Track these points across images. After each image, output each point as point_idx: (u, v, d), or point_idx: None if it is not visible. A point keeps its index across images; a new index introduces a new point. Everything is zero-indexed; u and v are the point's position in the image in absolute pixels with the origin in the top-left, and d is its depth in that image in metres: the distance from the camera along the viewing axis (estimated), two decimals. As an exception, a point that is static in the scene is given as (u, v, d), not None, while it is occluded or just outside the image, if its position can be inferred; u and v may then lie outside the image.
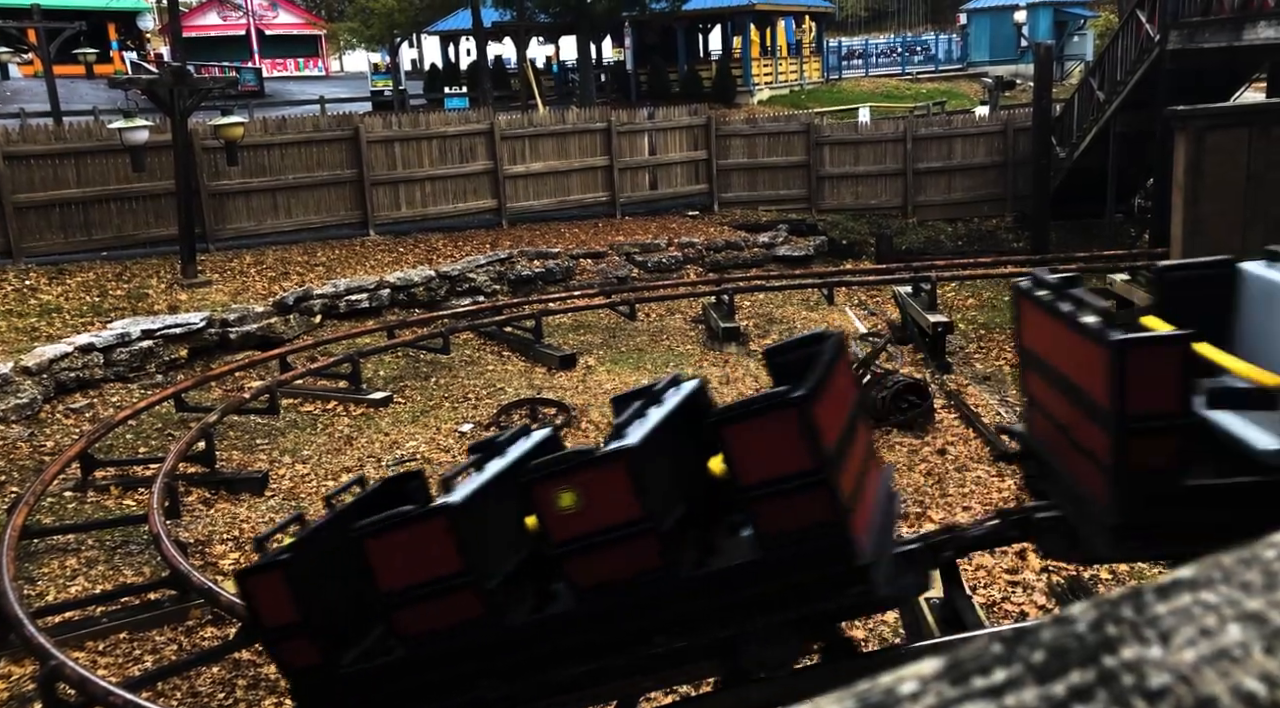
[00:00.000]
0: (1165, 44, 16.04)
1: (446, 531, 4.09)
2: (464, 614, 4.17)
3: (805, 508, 3.81)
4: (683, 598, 4.04)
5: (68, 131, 16.35)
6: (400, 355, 14.07)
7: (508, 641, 4.23)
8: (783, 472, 3.79)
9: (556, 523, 3.98)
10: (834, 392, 4.11)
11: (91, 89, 30.76)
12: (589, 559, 4.01)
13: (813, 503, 3.81)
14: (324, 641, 4.41)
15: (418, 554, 4.16)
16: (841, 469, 3.92)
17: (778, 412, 3.76)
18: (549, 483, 3.97)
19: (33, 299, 14.09)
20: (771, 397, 3.85)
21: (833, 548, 3.85)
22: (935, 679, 0.49)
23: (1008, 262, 17.72)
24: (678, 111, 21.53)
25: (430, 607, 4.20)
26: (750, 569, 3.99)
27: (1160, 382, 3.85)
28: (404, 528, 4.17)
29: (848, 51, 42.59)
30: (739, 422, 3.83)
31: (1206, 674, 0.47)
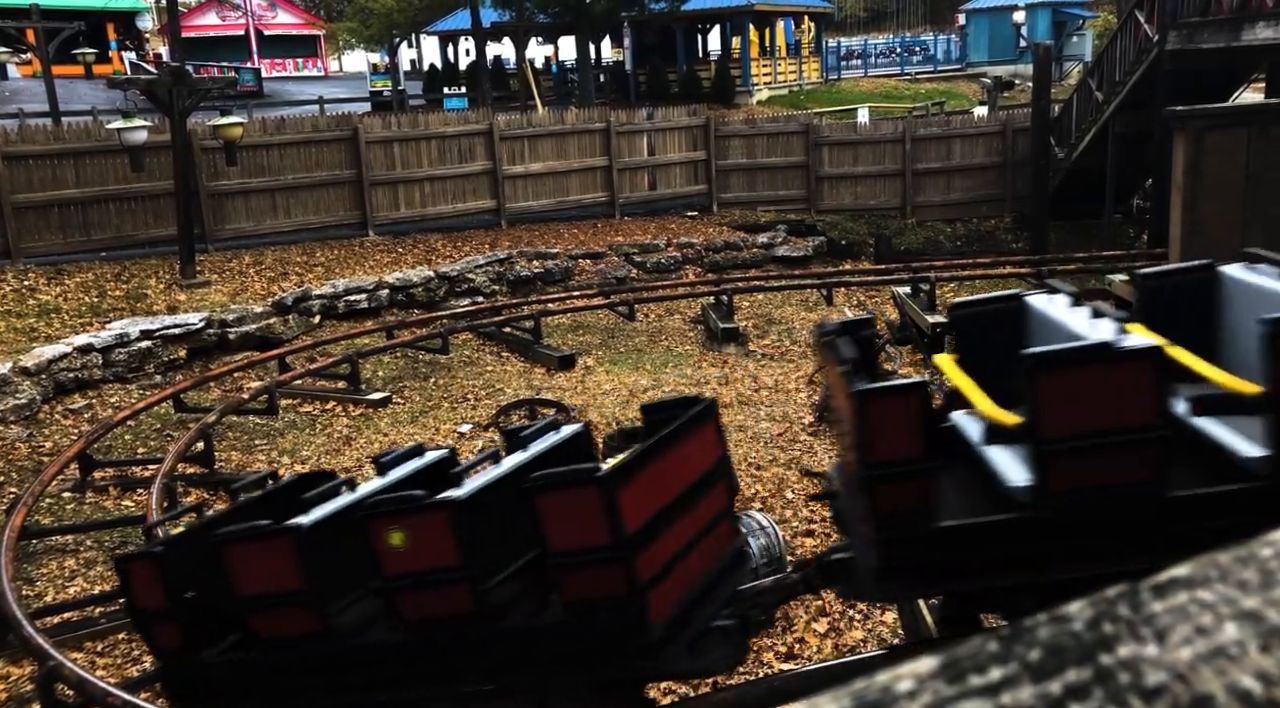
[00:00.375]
0: (1164, 44, 16.05)
1: (292, 550, 4.33)
2: (306, 628, 4.43)
3: (602, 581, 3.98)
4: (499, 646, 4.27)
5: (66, 132, 16.34)
6: (399, 356, 14.07)
7: (341, 658, 4.49)
8: (583, 544, 3.96)
9: (387, 558, 4.20)
10: (663, 467, 4.24)
11: (90, 89, 30.75)
12: (412, 596, 4.23)
13: (609, 578, 3.97)
14: (190, 630, 4.66)
15: (267, 567, 4.40)
16: (649, 547, 4.02)
17: (580, 488, 3.91)
18: (381, 521, 4.20)
19: (31, 300, 14.08)
20: (577, 472, 4.00)
21: (626, 622, 4.02)
22: (932, 677, 0.49)
23: (1007, 262, 17.74)
24: (677, 112, 21.53)
25: (275, 617, 4.44)
26: (554, 630, 4.20)
27: (900, 429, 3.95)
28: (257, 541, 4.42)
29: (847, 52, 42.61)
30: (546, 492, 4.01)
31: (1203, 672, 0.47)
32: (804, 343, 14.50)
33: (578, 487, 3.96)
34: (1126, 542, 4.06)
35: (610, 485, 3.89)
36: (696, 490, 4.42)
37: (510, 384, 12.94)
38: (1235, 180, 12.05)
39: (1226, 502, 3.96)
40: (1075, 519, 4.01)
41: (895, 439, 3.96)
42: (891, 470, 3.98)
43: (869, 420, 3.94)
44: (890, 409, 3.96)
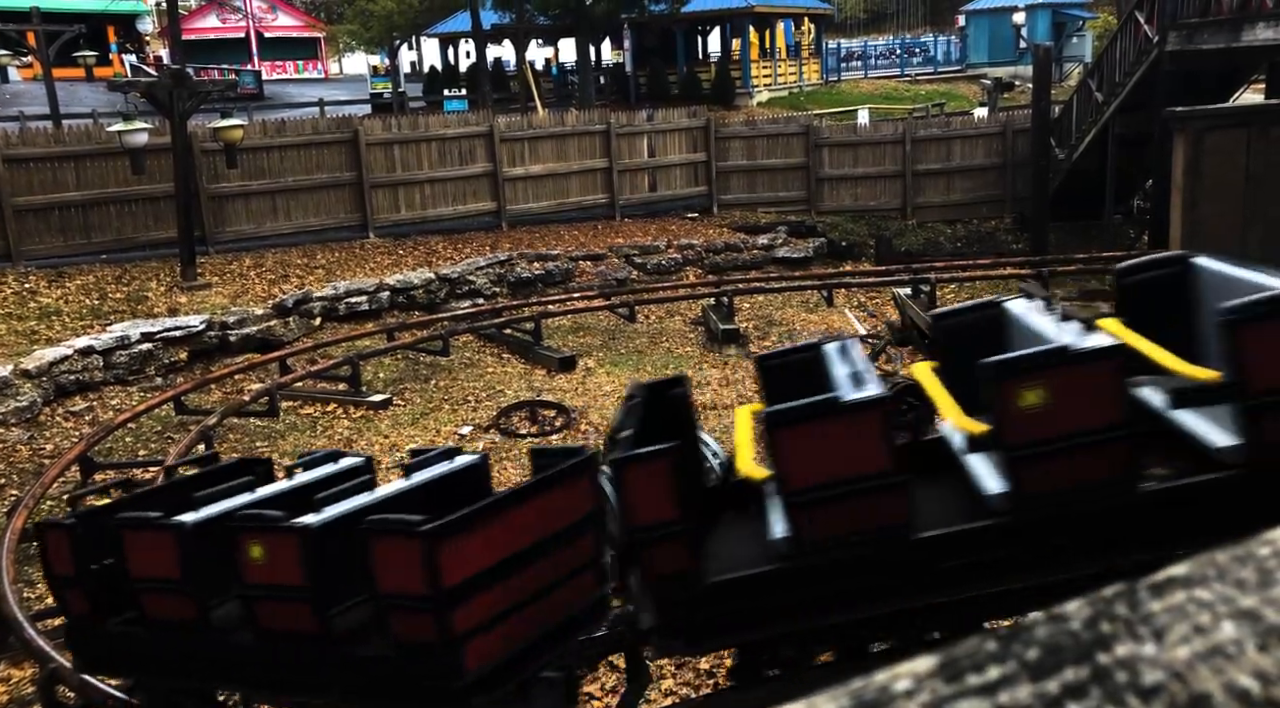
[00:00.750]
0: (1164, 45, 16.06)
1: (175, 544, 4.72)
2: (185, 615, 4.84)
3: (419, 627, 4.22)
4: (337, 669, 4.56)
5: (67, 134, 16.35)
6: (400, 358, 14.07)
7: (214, 649, 4.87)
8: (404, 591, 4.21)
9: (247, 567, 4.54)
10: (506, 523, 4.41)
11: (91, 92, 30.77)
12: (263, 606, 4.57)
13: (425, 625, 4.21)
14: (96, 598, 5.06)
15: (154, 555, 4.82)
16: (471, 600, 4.22)
17: (405, 539, 4.14)
18: (245, 534, 4.53)
19: (32, 302, 14.09)
20: (405, 523, 4.19)
21: (442, 667, 4.27)
22: (930, 677, 0.50)
23: (1007, 263, 17.74)
24: (677, 113, 21.54)
25: (159, 600, 4.89)
26: (382, 663, 4.44)
27: (654, 493, 4.07)
28: (147, 531, 4.84)
29: (846, 53, 42.61)
30: (376, 536, 4.25)
31: (1200, 671, 0.47)
32: (804, 344, 14.49)
33: (403, 537, 4.18)
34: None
35: (432, 540, 4.10)
36: (551, 544, 4.51)
37: (511, 386, 12.94)
38: (1235, 181, 12.05)
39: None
40: (1050, 521, 4.02)
41: (652, 504, 4.07)
42: (653, 534, 4.09)
43: (626, 488, 4.07)
44: (645, 475, 4.06)
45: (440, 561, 4.13)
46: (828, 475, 3.96)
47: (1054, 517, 4.01)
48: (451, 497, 4.78)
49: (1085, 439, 3.86)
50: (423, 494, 4.95)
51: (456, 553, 4.20)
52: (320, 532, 4.47)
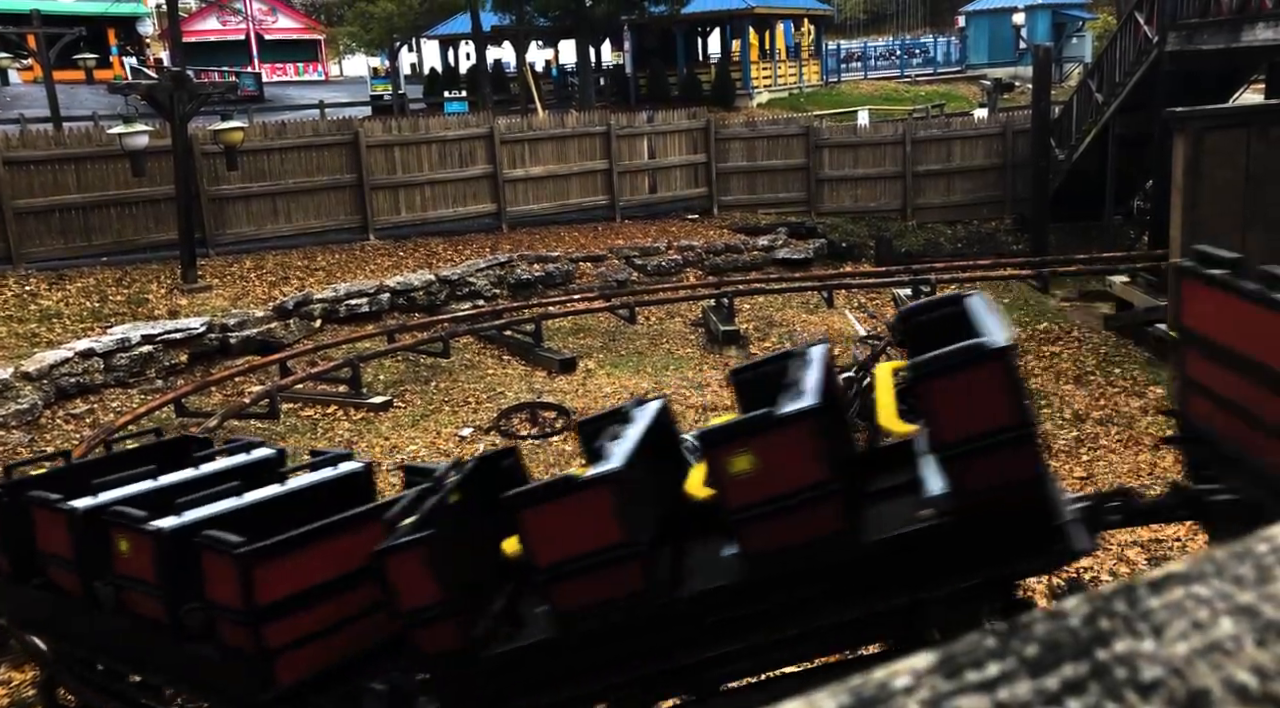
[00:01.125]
0: (1164, 45, 16.06)
1: (67, 525, 5.23)
2: (76, 589, 5.34)
3: (237, 638, 4.60)
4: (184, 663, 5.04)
5: (68, 137, 16.36)
6: (400, 360, 14.08)
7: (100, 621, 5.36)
8: (224, 603, 4.61)
9: (116, 558, 4.87)
10: (331, 547, 4.69)
11: (91, 94, 30.79)
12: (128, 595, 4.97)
13: (241, 637, 4.56)
14: (16, 562, 5.67)
15: (52, 533, 5.37)
16: (286, 617, 4.58)
17: (223, 555, 4.49)
18: (114, 528, 4.91)
19: (33, 305, 14.09)
20: (225, 542, 4.54)
21: (255, 678, 4.62)
22: (929, 673, 0.50)
23: (1007, 264, 17.74)
24: (677, 115, 21.54)
25: (58, 572, 5.45)
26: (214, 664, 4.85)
27: (416, 578, 4.18)
28: (46, 509, 5.34)
29: (846, 54, 42.63)
30: (205, 550, 4.61)
31: (1199, 667, 0.47)
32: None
33: (224, 555, 4.51)
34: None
35: (248, 561, 4.45)
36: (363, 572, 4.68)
37: (511, 387, 12.95)
38: (1235, 181, 12.05)
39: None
40: (778, 579, 4.08)
41: (415, 589, 4.14)
42: (425, 616, 4.17)
43: (389, 576, 4.16)
44: (406, 563, 4.13)
45: (255, 580, 4.49)
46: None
47: (781, 575, 4.10)
48: (332, 503, 5.12)
49: (794, 500, 3.96)
50: (302, 500, 5.26)
51: (272, 574, 4.55)
52: (172, 536, 4.80)
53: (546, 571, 4.08)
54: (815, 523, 3.98)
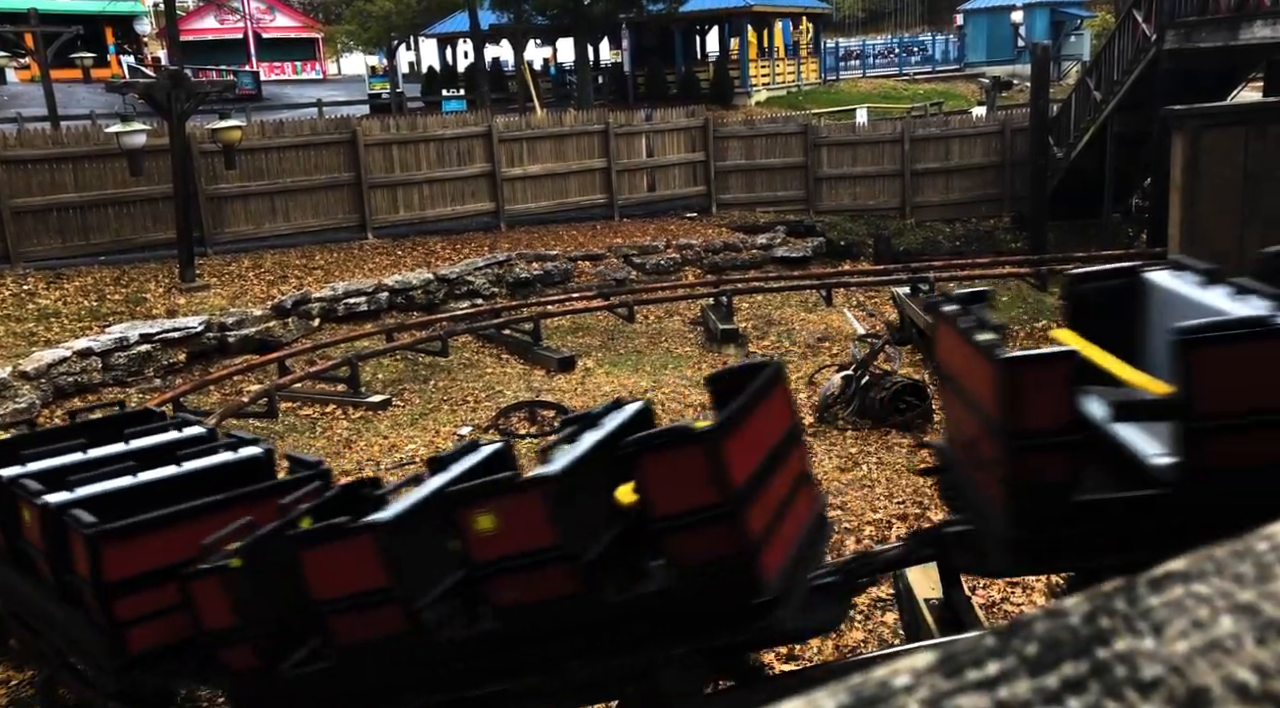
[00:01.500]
0: (1162, 44, 16.07)
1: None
2: None
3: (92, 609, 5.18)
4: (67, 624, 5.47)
5: (65, 136, 16.34)
6: (399, 358, 14.07)
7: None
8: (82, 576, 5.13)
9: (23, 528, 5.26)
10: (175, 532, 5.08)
11: (89, 93, 30.75)
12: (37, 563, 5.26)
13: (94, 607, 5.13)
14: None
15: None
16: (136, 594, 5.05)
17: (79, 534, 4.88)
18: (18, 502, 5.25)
19: (31, 304, 14.08)
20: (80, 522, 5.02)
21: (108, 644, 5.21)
22: (929, 672, 0.50)
23: (1006, 262, 17.74)
24: (675, 113, 21.54)
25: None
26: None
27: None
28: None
29: (845, 52, 42.63)
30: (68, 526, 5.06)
31: (1199, 666, 0.47)
32: (804, 344, 14.51)
33: (78, 533, 5.00)
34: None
35: (99, 540, 4.93)
36: None
37: (510, 386, 12.95)
38: (1233, 179, 12.06)
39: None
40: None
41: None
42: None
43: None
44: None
45: (105, 557, 4.92)
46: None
47: (528, 630, 4.34)
48: (229, 486, 5.51)
49: (531, 560, 4.18)
50: (196, 481, 5.61)
51: (122, 553, 4.97)
52: (56, 510, 5.17)
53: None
54: (550, 584, 4.24)
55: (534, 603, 4.26)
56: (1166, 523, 3.95)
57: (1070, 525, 4.10)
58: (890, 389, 10.61)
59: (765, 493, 4.29)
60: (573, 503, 4.21)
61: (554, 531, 4.12)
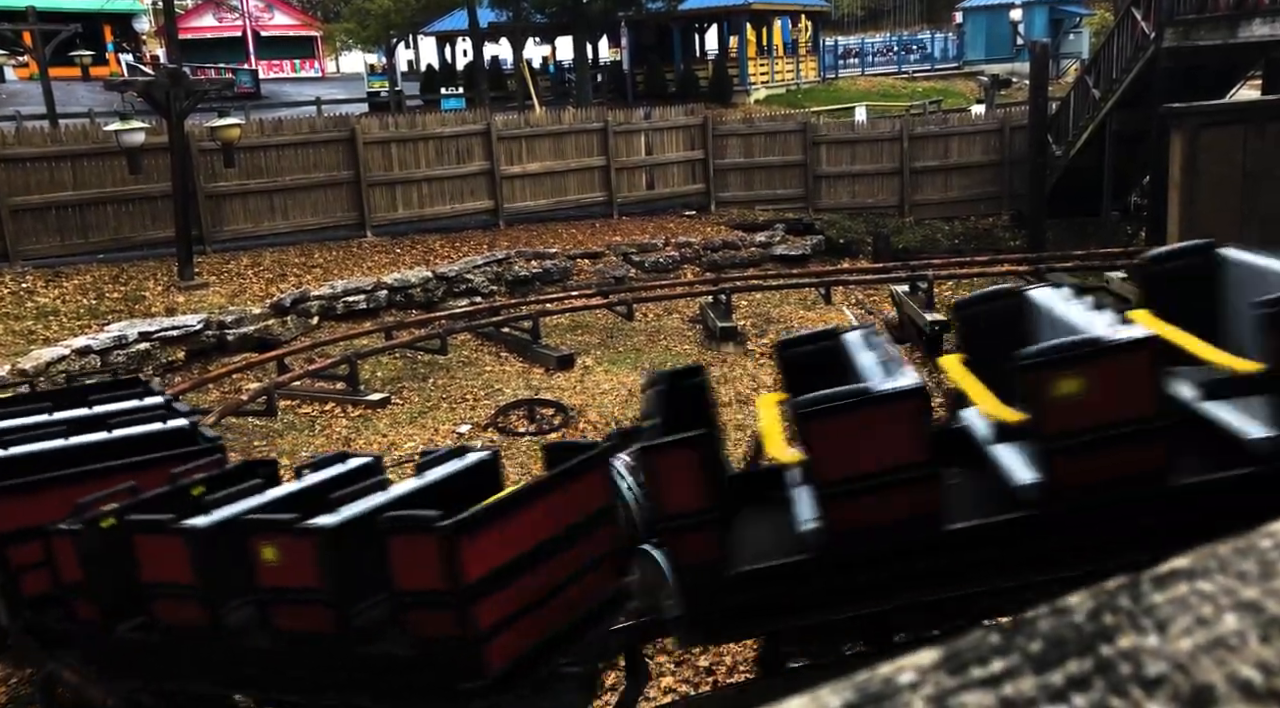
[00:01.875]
0: (1161, 42, 16.06)
1: None
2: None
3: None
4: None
5: (64, 134, 16.33)
6: (398, 357, 14.07)
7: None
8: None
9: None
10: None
11: (87, 91, 30.71)
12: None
13: None
14: None
15: None
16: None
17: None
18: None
19: (29, 302, 14.07)
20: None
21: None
22: (933, 669, 0.50)
23: (1004, 260, 17.74)
24: (674, 111, 21.52)
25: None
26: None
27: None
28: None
29: (844, 50, 42.62)
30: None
31: (1203, 663, 0.47)
32: (802, 342, 14.48)
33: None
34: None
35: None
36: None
37: (509, 384, 12.94)
38: (1232, 177, 12.06)
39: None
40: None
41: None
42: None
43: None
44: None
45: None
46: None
47: None
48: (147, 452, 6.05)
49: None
50: (118, 448, 6.06)
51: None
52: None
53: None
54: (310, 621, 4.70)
55: (298, 632, 4.68)
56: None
57: None
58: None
59: (517, 582, 4.52)
60: (342, 555, 4.57)
61: (319, 575, 4.53)
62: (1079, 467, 3.95)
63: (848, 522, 4.07)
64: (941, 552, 4.14)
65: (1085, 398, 3.83)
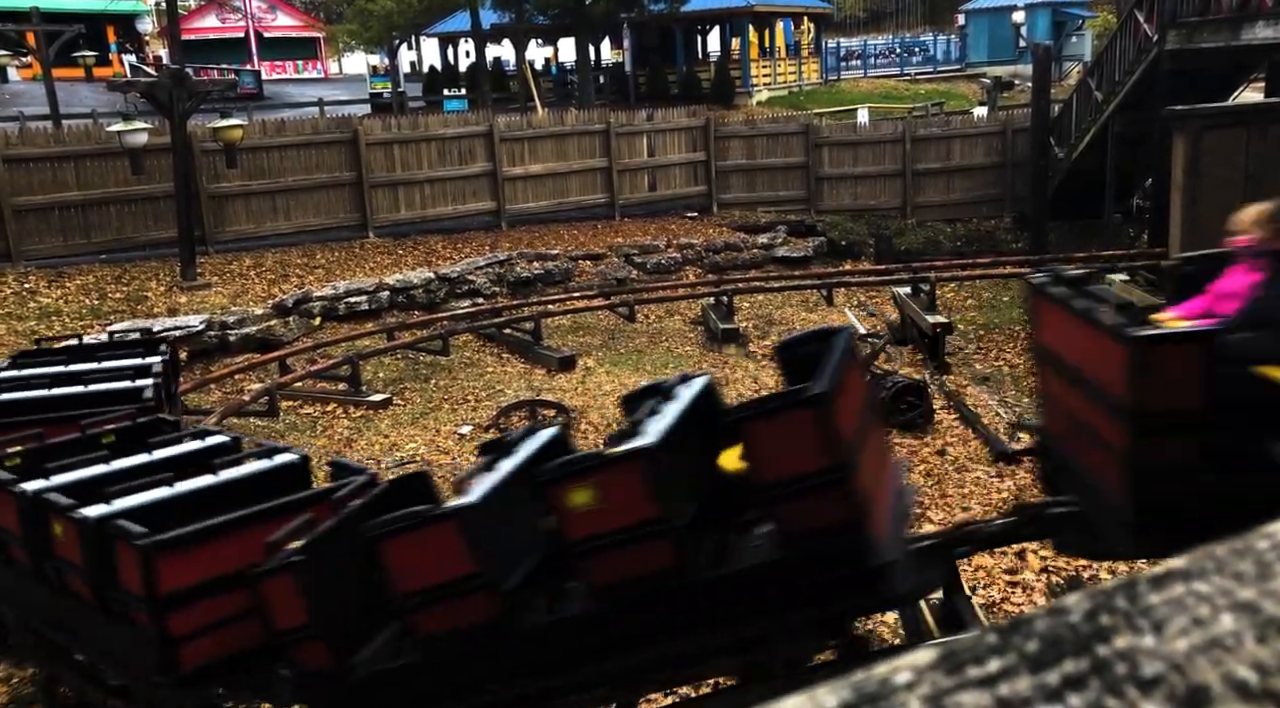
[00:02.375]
0: (1163, 44, 16.06)
1: None
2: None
3: None
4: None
5: (67, 134, 16.35)
6: (400, 357, 14.08)
7: None
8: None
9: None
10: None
11: (90, 92, 30.76)
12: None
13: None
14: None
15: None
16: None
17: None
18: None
19: (32, 302, 14.09)
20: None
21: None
22: (930, 669, 0.50)
23: (1006, 262, 17.74)
24: (676, 113, 21.53)
25: None
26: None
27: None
28: None
29: (846, 52, 42.61)
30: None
31: (1199, 663, 0.47)
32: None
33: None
34: None
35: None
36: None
37: (511, 385, 12.95)
38: (1234, 180, 12.05)
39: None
40: None
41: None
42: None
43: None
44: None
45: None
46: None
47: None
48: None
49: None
50: None
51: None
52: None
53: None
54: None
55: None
56: None
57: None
58: (891, 389, 10.61)
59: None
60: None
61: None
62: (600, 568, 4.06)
63: None
64: None
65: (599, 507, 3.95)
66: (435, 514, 4.20)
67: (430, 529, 4.15)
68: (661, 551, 4.07)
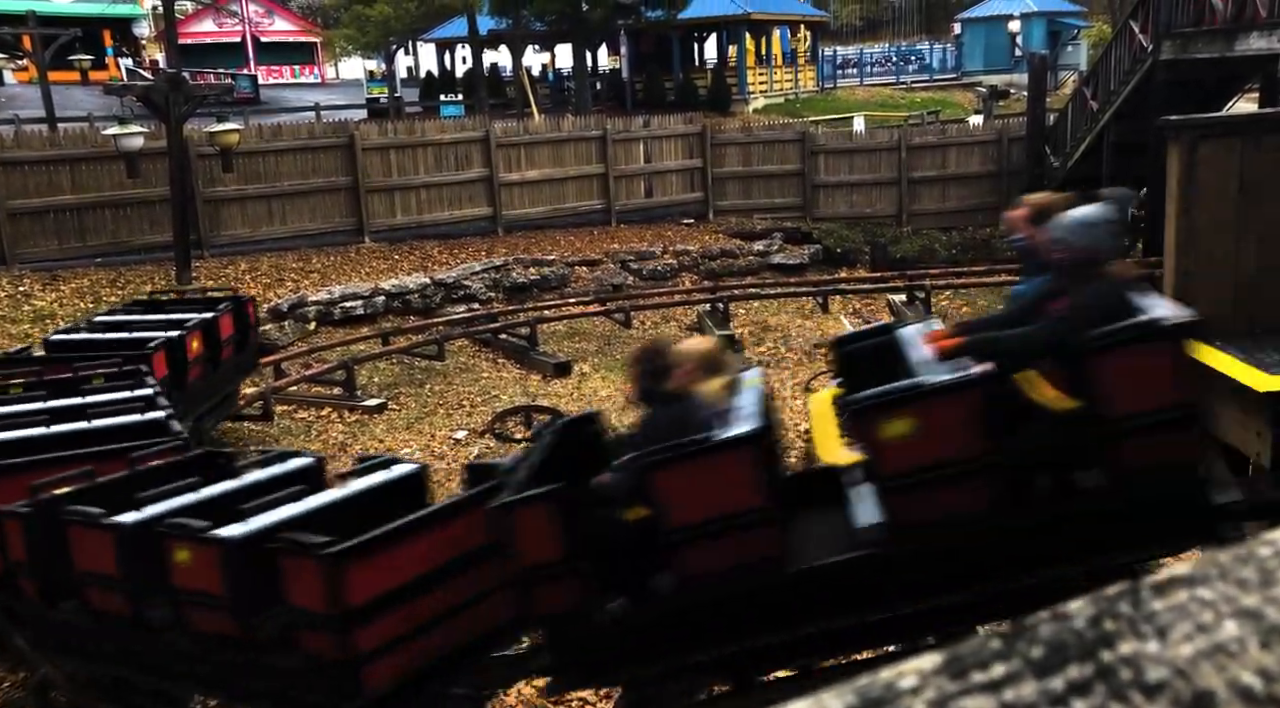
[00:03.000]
0: (1158, 54, 16.12)
1: None
2: None
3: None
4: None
5: (63, 138, 16.33)
6: (395, 362, 14.06)
7: None
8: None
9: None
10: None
11: (87, 95, 30.73)
12: None
13: None
14: None
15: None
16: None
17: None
18: None
19: (26, 305, 14.05)
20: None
21: None
22: (935, 674, 0.50)
23: (1002, 270, 17.76)
24: (673, 120, 21.56)
25: None
26: None
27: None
28: None
29: (842, 60, 42.72)
30: None
31: (1203, 669, 0.48)
32: (800, 350, 14.52)
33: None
34: None
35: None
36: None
37: (506, 391, 12.94)
38: (1229, 190, 12.07)
39: None
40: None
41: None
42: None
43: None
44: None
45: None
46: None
47: None
48: None
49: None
50: None
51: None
52: None
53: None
54: None
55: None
56: None
57: None
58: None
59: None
60: None
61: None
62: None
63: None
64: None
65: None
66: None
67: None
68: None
